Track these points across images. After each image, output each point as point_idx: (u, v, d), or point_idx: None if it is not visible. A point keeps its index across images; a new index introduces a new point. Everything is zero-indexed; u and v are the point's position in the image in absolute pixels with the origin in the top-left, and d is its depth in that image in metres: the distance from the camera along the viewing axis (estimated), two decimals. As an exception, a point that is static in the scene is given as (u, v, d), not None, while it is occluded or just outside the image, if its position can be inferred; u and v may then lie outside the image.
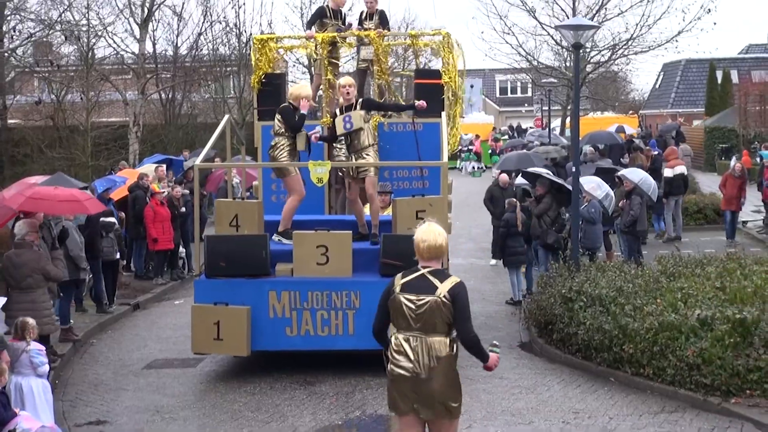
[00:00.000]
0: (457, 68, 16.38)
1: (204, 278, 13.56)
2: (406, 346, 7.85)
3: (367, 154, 13.91)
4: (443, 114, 15.56)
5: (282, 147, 13.86)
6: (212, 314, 13.26)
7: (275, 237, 14.13)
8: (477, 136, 57.79)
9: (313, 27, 16.69)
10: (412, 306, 7.81)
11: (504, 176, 23.53)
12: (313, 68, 17.70)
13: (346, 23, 17.24)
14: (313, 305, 13.28)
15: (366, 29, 16.53)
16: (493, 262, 23.34)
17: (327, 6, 17.03)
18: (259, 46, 16.55)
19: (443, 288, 7.79)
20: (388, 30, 16.91)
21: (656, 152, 31.05)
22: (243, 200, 14.74)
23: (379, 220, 14.33)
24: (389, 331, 8.10)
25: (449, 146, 15.55)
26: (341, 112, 13.91)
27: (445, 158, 14.40)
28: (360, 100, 13.98)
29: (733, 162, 32.70)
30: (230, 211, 13.96)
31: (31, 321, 11.58)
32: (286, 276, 13.50)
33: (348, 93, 13.78)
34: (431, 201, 13.73)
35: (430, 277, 7.85)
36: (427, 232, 7.93)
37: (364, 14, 16.97)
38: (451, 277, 7.90)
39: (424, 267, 7.91)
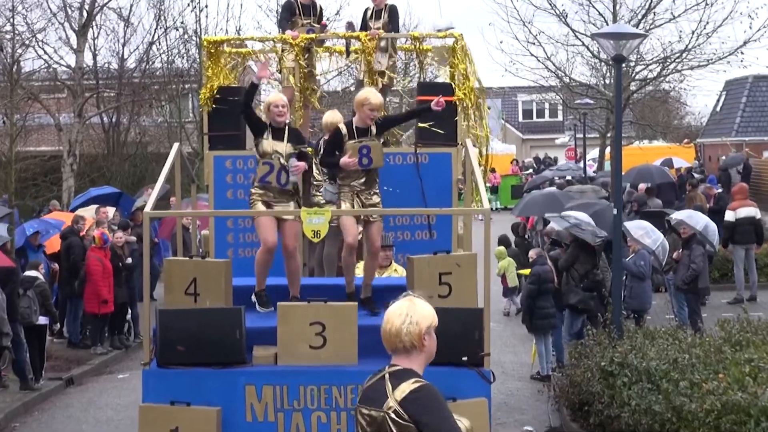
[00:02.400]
0: (475, 80, 15.48)
1: (155, 368, 11.80)
2: None
3: (376, 195, 12.73)
4: (468, 141, 14.53)
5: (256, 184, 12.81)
6: (168, 418, 11.50)
7: (252, 298, 12.97)
8: (493, 170, 58.07)
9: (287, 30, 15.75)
10: (363, 423, 6.53)
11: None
12: (281, 82, 16.27)
13: (322, 22, 16.37)
14: (306, 404, 11.61)
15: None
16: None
17: (296, 0, 15.96)
18: (212, 50, 15.57)
19: (394, 397, 6.35)
20: (397, 30, 16.04)
21: (719, 190, 31.10)
22: (203, 259, 12.97)
23: (392, 284, 13.33)
24: None
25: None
26: (350, 134, 12.42)
27: (486, 203, 12.94)
28: (375, 122, 12.54)
29: None
30: (185, 274, 12.31)
31: None
32: (267, 364, 11.87)
33: (373, 117, 12.41)
34: (459, 260, 12.39)
35: (388, 381, 6.48)
36: (392, 313, 6.55)
37: (369, 12, 16.01)
38: (410, 380, 6.40)
39: (392, 365, 6.59)
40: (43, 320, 19.28)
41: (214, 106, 15.26)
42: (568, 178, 42.10)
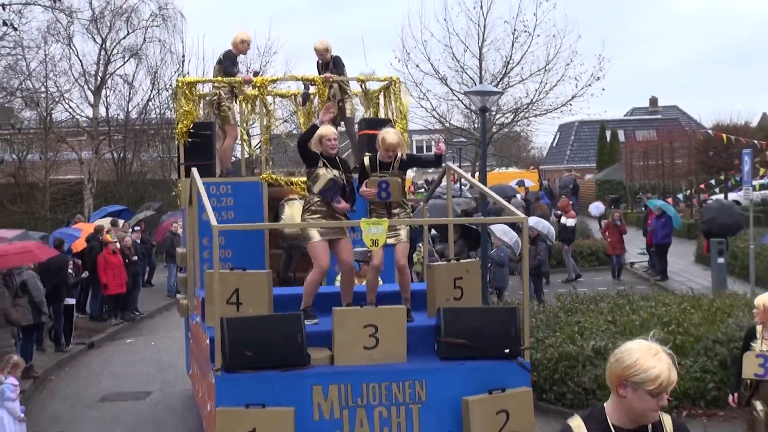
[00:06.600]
0: (407, 117, 13.58)
1: (225, 374, 9.17)
2: None
3: (405, 215, 10.34)
4: (451, 164, 12.38)
5: (310, 202, 10.18)
6: (246, 421, 8.99)
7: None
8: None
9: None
10: None
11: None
12: (217, 123, 13.71)
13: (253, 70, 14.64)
14: (369, 401, 9.35)
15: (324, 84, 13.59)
16: None
17: (231, 51, 13.65)
18: (186, 90, 13.41)
19: None
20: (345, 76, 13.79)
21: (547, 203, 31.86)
22: (244, 271, 10.29)
23: (387, 290, 10.86)
24: None
25: None
26: (373, 166, 10.21)
27: (519, 213, 10.57)
28: (399, 158, 10.24)
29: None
30: (227, 285, 9.92)
31: (15, 358, 11.35)
32: (324, 365, 9.56)
33: (390, 156, 10.13)
34: (468, 266, 10.56)
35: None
36: (666, 361, 4.37)
37: (319, 65, 13.95)
38: None
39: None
40: (71, 301, 19.05)
41: (188, 139, 13.23)
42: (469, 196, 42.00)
